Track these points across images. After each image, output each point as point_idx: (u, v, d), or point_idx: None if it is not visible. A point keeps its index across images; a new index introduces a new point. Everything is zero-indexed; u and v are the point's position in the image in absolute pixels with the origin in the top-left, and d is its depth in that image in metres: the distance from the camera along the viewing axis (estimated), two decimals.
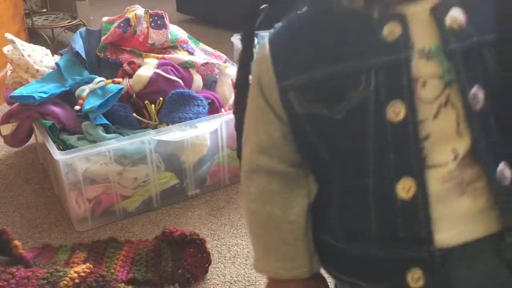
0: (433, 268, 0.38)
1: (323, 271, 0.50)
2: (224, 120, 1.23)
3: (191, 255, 0.99)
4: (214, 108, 1.30)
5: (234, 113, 0.50)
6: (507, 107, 0.37)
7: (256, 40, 1.74)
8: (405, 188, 0.37)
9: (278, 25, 0.46)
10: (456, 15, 0.37)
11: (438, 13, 0.37)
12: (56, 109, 1.21)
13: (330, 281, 0.52)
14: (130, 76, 1.30)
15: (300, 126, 0.42)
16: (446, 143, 0.37)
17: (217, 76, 1.44)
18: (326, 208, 0.44)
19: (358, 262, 0.42)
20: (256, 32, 1.74)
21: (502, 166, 0.37)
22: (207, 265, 1.01)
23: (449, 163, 0.37)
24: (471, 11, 0.37)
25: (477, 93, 0.37)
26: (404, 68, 0.37)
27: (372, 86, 0.37)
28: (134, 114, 1.23)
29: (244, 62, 0.47)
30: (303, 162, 0.45)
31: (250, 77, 0.47)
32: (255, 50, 0.46)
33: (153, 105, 1.24)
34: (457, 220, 0.37)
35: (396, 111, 0.37)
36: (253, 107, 0.46)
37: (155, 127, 1.23)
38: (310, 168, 0.45)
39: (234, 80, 1.37)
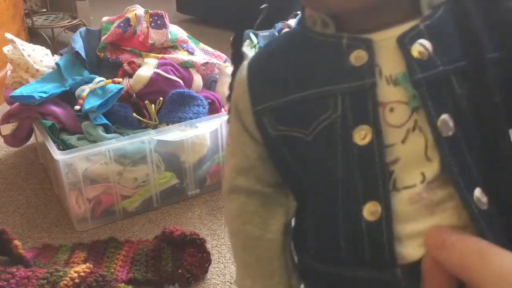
0: None
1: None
2: (224, 120, 1.23)
3: (191, 255, 0.99)
4: (214, 108, 1.30)
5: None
6: (480, 133, 0.38)
7: (256, 40, 1.73)
8: (370, 210, 0.38)
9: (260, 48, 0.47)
10: (422, 45, 0.37)
11: (404, 43, 0.37)
12: (56, 109, 1.21)
13: None
14: (130, 76, 1.30)
15: (275, 148, 0.43)
16: (415, 166, 0.38)
17: (217, 76, 1.44)
18: (302, 227, 0.46)
19: (333, 282, 0.43)
20: (256, 32, 1.74)
21: (478, 191, 0.37)
22: (207, 265, 1.01)
23: (417, 184, 0.38)
24: (438, 40, 0.38)
25: (446, 120, 0.37)
26: (369, 94, 0.37)
27: (339, 111, 0.38)
28: (134, 114, 1.23)
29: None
30: (282, 182, 0.46)
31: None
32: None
33: (153, 105, 1.24)
34: (425, 234, 0.38)
35: (362, 135, 0.37)
36: (231, 129, 0.47)
37: (155, 127, 1.23)
38: (289, 187, 0.46)
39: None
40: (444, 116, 0.37)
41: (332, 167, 0.39)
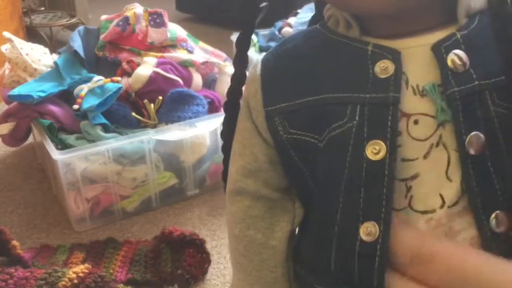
0: None
1: None
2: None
3: (190, 255, 0.98)
4: (213, 108, 1.30)
5: (222, 135, 0.48)
6: (509, 153, 0.35)
7: (256, 39, 1.73)
8: (367, 230, 0.36)
9: (274, 45, 0.45)
10: (458, 56, 0.35)
11: (440, 52, 0.35)
12: (54, 108, 1.20)
13: None
14: (129, 75, 1.29)
15: (285, 150, 0.41)
16: (434, 185, 0.36)
17: (217, 75, 1.44)
18: (301, 238, 0.44)
19: None
20: (256, 30, 1.74)
21: (497, 214, 0.35)
22: (206, 266, 1.00)
23: (437, 210, 0.36)
24: (475, 52, 0.35)
25: (476, 138, 0.35)
26: (391, 108, 0.35)
27: (356, 121, 0.36)
28: (133, 113, 1.22)
29: (236, 84, 0.45)
30: (290, 187, 0.45)
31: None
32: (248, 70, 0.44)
33: (152, 104, 1.24)
34: None
35: (375, 150, 0.35)
36: (240, 129, 0.45)
37: (154, 127, 1.22)
38: (297, 192, 0.44)
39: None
40: (474, 134, 0.35)
41: (337, 178, 0.37)
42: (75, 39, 1.37)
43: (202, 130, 1.19)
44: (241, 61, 0.45)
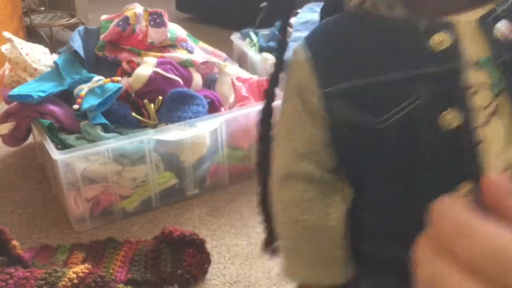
0: None
1: None
2: (224, 119, 1.22)
3: (190, 255, 0.98)
4: (213, 108, 1.30)
5: (258, 142, 0.49)
6: None
7: (256, 39, 1.72)
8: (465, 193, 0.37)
9: (314, 29, 0.46)
10: (504, 27, 0.37)
11: (487, 25, 0.37)
12: (54, 108, 1.20)
13: None
14: (129, 75, 1.29)
15: (340, 132, 0.42)
16: (496, 152, 0.38)
17: (217, 75, 1.43)
18: (362, 214, 0.44)
19: (400, 265, 0.42)
20: (256, 30, 1.72)
21: None
22: (206, 266, 1.00)
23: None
24: None
25: None
26: (456, 78, 0.37)
27: (423, 97, 0.37)
28: (133, 113, 1.22)
29: (277, 72, 0.46)
30: (340, 168, 0.45)
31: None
32: (286, 58, 0.45)
33: (152, 104, 1.24)
34: None
35: (449, 120, 0.37)
36: (288, 113, 0.45)
37: (154, 127, 1.22)
38: (347, 173, 0.45)
39: (234, 80, 1.36)
40: None
41: (413, 154, 0.38)
42: (75, 39, 1.37)
43: (202, 130, 1.19)
44: (282, 48, 0.46)
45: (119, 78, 1.27)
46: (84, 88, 1.20)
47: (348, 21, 0.43)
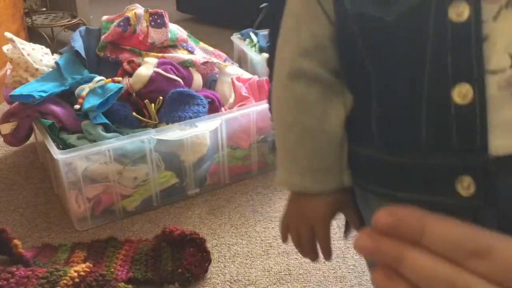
0: (484, 176, 0.37)
1: None
2: (224, 119, 1.23)
3: (191, 254, 0.99)
4: (214, 107, 1.30)
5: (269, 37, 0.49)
6: None
7: (256, 39, 1.72)
8: (461, 94, 0.36)
9: None
10: None
11: None
12: (55, 108, 1.20)
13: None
14: (130, 75, 1.30)
15: (346, 25, 0.41)
16: (504, 47, 0.36)
17: (217, 75, 1.44)
18: (363, 118, 0.43)
19: (401, 172, 0.41)
20: (256, 30, 1.73)
21: None
22: (207, 264, 1.00)
23: (507, 69, 0.36)
24: None
25: None
26: None
27: None
28: (134, 113, 1.23)
29: None
30: (341, 71, 0.44)
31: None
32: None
33: (153, 104, 1.24)
34: (510, 129, 0.36)
35: (459, 12, 0.36)
36: (295, 5, 0.44)
37: (155, 126, 1.23)
38: (348, 75, 0.44)
39: (234, 80, 1.36)
40: None
41: (418, 48, 0.37)
42: (77, 39, 1.38)
43: (203, 130, 1.20)
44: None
45: (120, 78, 1.27)
46: (85, 88, 1.21)
47: None
